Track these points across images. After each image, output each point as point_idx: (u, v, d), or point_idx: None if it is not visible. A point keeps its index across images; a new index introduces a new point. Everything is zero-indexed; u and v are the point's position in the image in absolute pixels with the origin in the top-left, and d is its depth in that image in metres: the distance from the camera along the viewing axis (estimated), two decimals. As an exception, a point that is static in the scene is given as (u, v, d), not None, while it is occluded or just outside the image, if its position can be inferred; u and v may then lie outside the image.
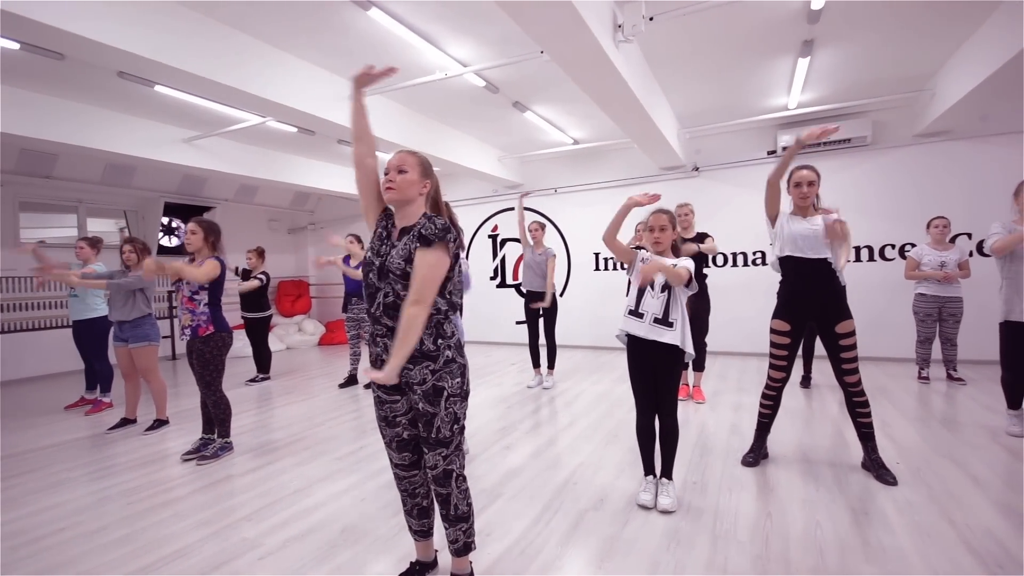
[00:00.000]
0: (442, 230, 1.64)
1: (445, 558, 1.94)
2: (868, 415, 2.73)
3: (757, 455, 2.95)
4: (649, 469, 2.57)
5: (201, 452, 3.34)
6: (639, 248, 2.60)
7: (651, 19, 3.36)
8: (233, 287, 5.22)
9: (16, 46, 3.53)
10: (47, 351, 6.50)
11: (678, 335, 2.38)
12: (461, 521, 1.78)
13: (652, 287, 2.44)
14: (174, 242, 7.86)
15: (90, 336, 4.68)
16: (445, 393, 1.68)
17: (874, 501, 2.45)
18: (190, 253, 3.34)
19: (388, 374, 1.58)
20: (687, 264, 2.38)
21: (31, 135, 4.66)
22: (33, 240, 6.57)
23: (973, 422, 3.53)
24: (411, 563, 1.96)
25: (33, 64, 4.04)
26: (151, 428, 3.96)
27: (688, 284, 2.37)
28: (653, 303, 2.42)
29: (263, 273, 5.72)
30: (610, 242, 2.51)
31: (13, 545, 2.34)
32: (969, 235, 5.39)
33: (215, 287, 3.31)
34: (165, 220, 7.72)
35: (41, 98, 4.71)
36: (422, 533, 1.92)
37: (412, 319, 1.58)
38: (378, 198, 1.83)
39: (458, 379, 1.72)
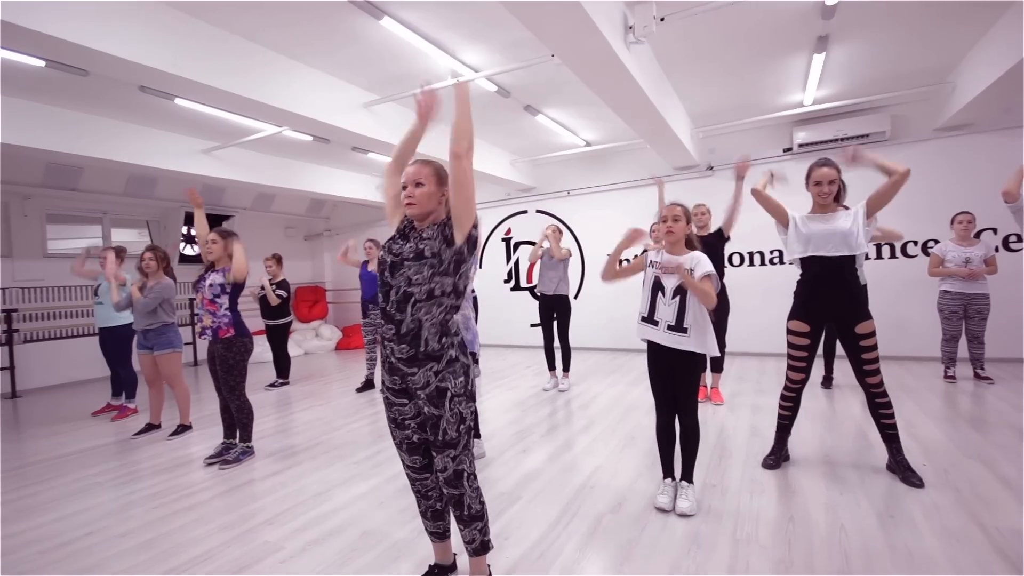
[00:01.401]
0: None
1: (464, 561, 1.95)
2: (891, 416, 2.67)
3: (778, 457, 2.90)
4: (668, 472, 2.55)
5: (223, 456, 3.40)
6: (646, 251, 2.59)
7: (662, 19, 3.35)
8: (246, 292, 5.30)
9: (41, 63, 3.65)
10: (74, 358, 6.67)
11: (694, 341, 2.34)
12: (476, 520, 1.79)
13: (664, 293, 2.41)
14: (196, 251, 8.01)
15: (114, 343, 4.80)
16: (449, 394, 1.69)
17: (900, 504, 2.39)
18: (211, 263, 3.42)
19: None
20: (707, 267, 2.34)
21: (57, 149, 4.80)
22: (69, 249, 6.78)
23: (1002, 422, 3.44)
24: (430, 566, 1.97)
25: (58, 80, 4.16)
26: (175, 433, 4.04)
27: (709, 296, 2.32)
28: (666, 310, 2.39)
29: (283, 281, 5.84)
30: (612, 279, 2.58)
31: (42, 549, 2.40)
32: (995, 230, 5.25)
33: (236, 291, 3.38)
34: (185, 229, 7.88)
35: (66, 113, 4.86)
36: (438, 535, 1.93)
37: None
38: (400, 204, 1.85)
39: (461, 379, 1.72)
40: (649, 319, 2.45)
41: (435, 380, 1.68)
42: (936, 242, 5.30)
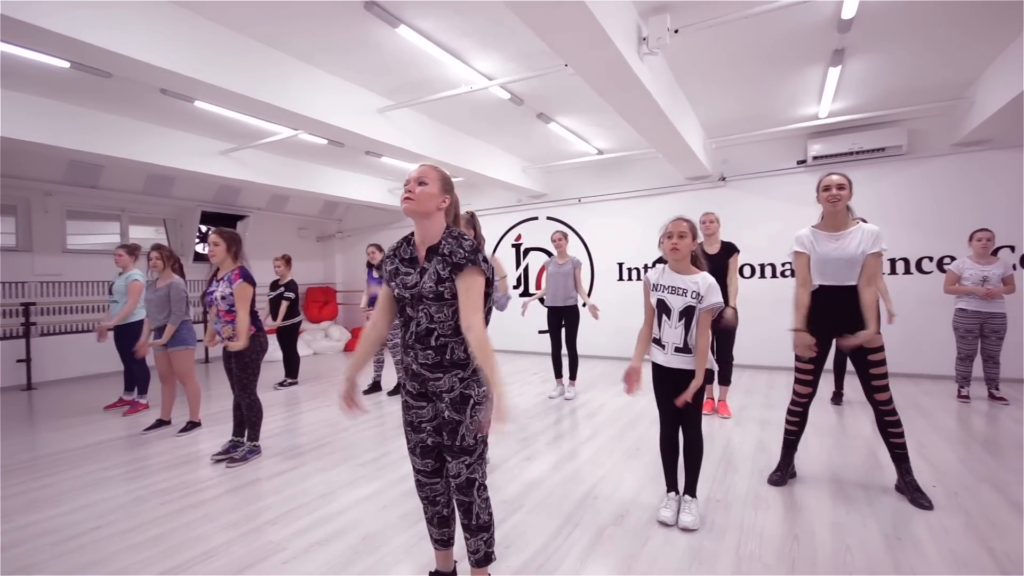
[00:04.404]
0: (471, 252, 1.66)
1: (464, 568, 1.95)
2: (901, 435, 2.63)
3: (784, 473, 2.88)
4: (671, 485, 2.54)
5: (231, 454, 3.44)
6: (659, 262, 2.59)
7: (676, 31, 3.35)
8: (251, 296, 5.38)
9: (67, 64, 3.75)
10: (89, 352, 6.78)
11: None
12: (482, 531, 1.79)
13: (668, 316, 2.41)
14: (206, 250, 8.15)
15: (127, 339, 4.86)
16: (471, 401, 1.71)
17: (908, 526, 2.36)
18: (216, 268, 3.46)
19: (505, 413, 1.58)
20: (715, 297, 2.35)
21: (79, 148, 4.92)
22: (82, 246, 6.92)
23: (1015, 444, 3.37)
24: (430, 573, 1.98)
25: (82, 82, 4.27)
26: (184, 430, 4.09)
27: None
28: (672, 332, 2.40)
29: (291, 282, 5.92)
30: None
31: (53, 541, 2.45)
32: (1012, 248, 5.17)
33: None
34: (202, 228, 8.01)
35: (89, 113, 4.97)
36: (442, 542, 1.94)
37: (478, 344, 1.61)
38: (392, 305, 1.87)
39: (484, 387, 1.74)
40: (656, 341, 2.46)
41: (460, 386, 1.71)
42: (952, 258, 5.24)
